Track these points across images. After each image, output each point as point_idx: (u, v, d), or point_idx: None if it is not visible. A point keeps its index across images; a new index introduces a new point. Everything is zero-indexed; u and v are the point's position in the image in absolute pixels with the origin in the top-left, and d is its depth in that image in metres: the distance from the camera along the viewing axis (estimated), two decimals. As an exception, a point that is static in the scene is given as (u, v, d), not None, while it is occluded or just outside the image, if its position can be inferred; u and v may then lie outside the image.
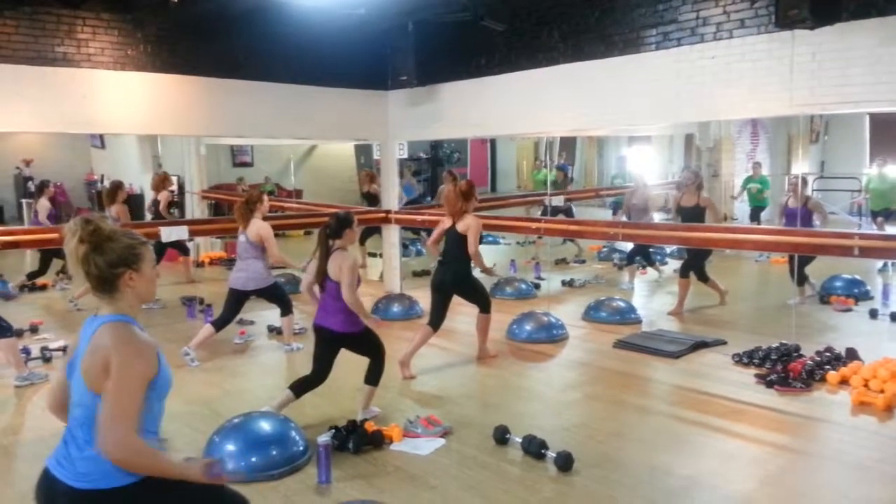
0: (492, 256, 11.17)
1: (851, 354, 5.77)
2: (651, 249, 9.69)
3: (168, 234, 7.53)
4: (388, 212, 9.20)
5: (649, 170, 12.58)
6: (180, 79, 7.27)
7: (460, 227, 5.77)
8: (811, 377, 5.40)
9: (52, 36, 6.55)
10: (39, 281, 9.30)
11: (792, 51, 5.35)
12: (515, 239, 12.66)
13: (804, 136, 10.93)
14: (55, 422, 2.04)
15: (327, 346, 4.55)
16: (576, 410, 5.01)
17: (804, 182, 8.85)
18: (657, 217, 9.77)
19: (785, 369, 5.51)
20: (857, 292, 8.22)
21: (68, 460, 2.03)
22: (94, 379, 1.99)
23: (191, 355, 6.00)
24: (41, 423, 4.62)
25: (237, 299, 6.18)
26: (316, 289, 4.63)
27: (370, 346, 4.64)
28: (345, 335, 4.49)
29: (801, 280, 7.94)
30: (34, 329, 7.20)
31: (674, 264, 10.34)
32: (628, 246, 9.73)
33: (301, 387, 4.56)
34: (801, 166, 10.73)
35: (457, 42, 7.88)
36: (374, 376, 4.68)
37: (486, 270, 6.17)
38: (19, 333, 6.58)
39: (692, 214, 7.55)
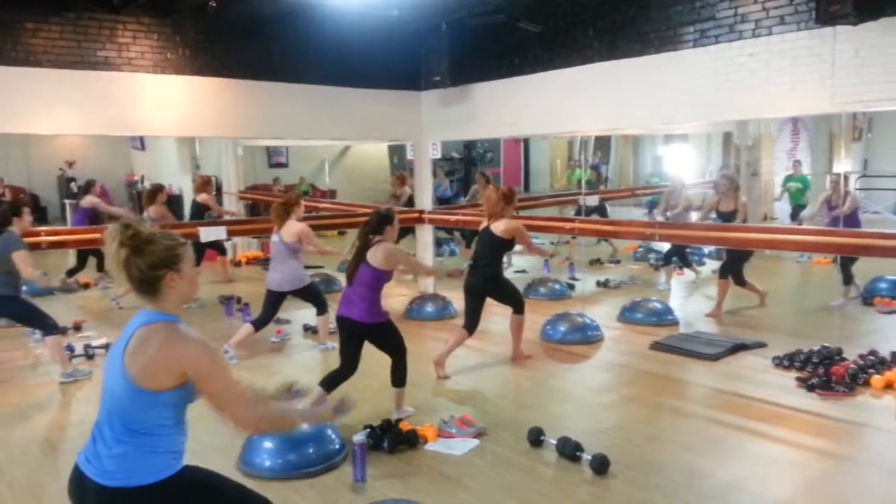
0: (524, 257, 11.14)
1: (897, 358, 5.62)
2: (688, 250, 9.56)
3: (207, 234, 7.65)
4: (421, 212, 9.22)
5: (686, 169, 12.38)
6: (217, 81, 7.39)
7: (496, 229, 5.76)
8: (854, 381, 5.28)
9: (95, 40, 6.71)
10: (81, 279, 9.52)
11: (833, 47, 5.22)
12: (549, 239, 12.58)
13: (846, 134, 10.66)
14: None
15: (350, 336, 4.58)
16: (611, 413, 4.97)
17: (845, 179, 8.65)
18: (694, 217, 9.62)
19: (827, 373, 5.39)
20: (902, 294, 8.01)
21: (96, 458, 2.06)
22: (150, 377, 2.02)
23: (230, 353, 6.09)
24: (85, 418, 4.73)
25: (274, 300, 6.26)
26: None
27: (391, 341, 4.65)
28: (366, 325, 4.51)
29: (848, 279, 7.76)
30: (77, 327, 7.37)
31: (711, 265, 10.19)
32: (665, 246, 9.61)
33: (331, 381, 4.60)
34: (844, 164, 10.47)
35: (490, 42, 7.86)
36: (398, 377, 4.69)
37: (545, 254, 6.23)
38: (63, 331, 6.74)
39: (730, 220, 7.43)
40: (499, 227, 5.76)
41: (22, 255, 5.31)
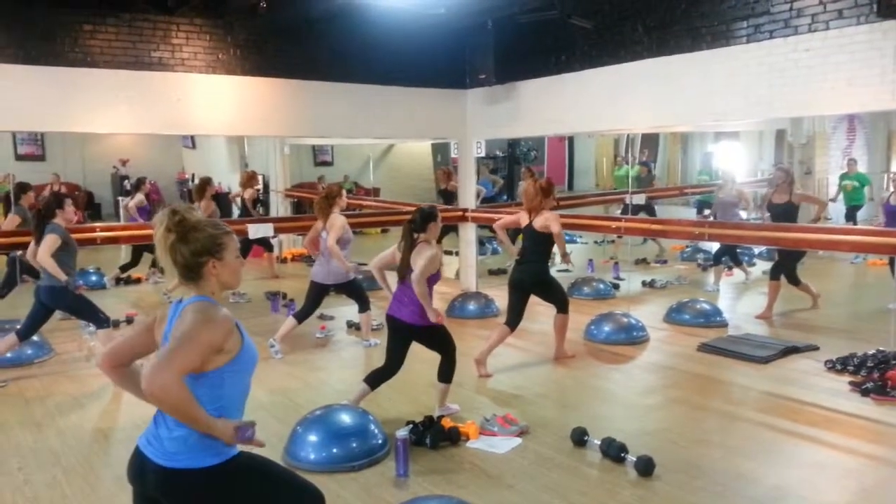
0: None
1: (958, 364, 5.40)
2: (738, 250, 9.35)
3: (255, 230, 7.79)
4: (464, 210, 9.22)
5: (738, 167, 12.10)
6: (267, 81, 7.51)
7: (538, 224, 5.72)
8: (912, 387, 5.09)
9: (149, 41, 6.89)
10: (134, 274, 9.80)
11: (895, 41, 5.04)
12: (593, 238, 12.46)
13: (906, 132, 10.29)
14: (149, 408, 2.14)
15: (398, 336, 4.60)
16: (657, 415, 4.89)
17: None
18: (744, 216, 9.40)
19: (882, 377, 5.20)
20: (964, 297, 7.68)
21: (157, 440, 2.11)
22: None
23: (276, 347, 6.19)
24: (136, 409, 4.84)
25: (318, 292, 6.33)
26: (389, 274, 4.78)
27: (440, 341, 4.65)
28: (415, 327, 4.52)
29: (903, 283, 7.50)
30: (129, 321, 7.58)
31: (762, 265, 9.95)
32: (713, 246, 9.42)
33: (375, 379, 4.63)
34: (903, 163, 10.10)
35: (536, 39, 7.81)
36: (445, 374, 4.69)
37: (564, 256, 6.06)
38: (115, 324, 6.93)
39: (783, 212, 7.23)
40: (538, 222, 5.72)
41: (50, 238, 5.36)
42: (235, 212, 10.47)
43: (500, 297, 7.22)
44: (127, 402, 5.26)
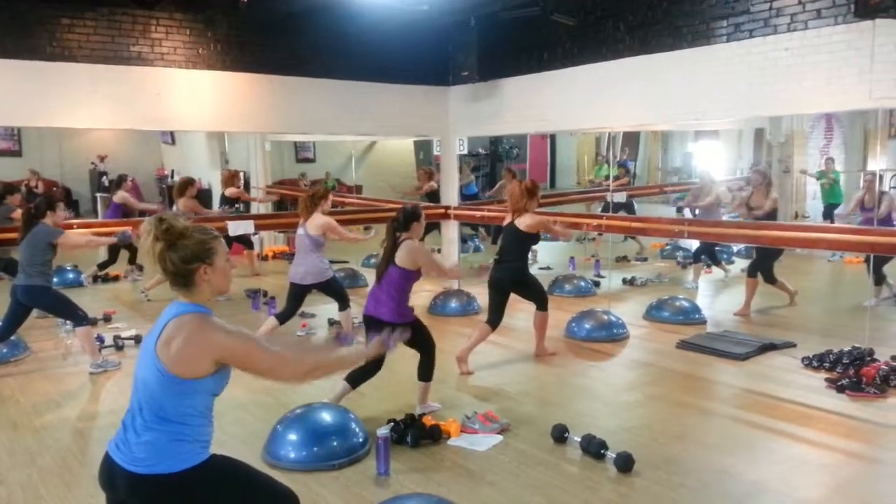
0: (549, 253, 11.09)
1: (931, 360, 5.49)
2: (717, 248, 9.44)
3: (235, 228, 7.73)
4: (447, 208, 9.22)
5: (717, 165, 12.22)
6: (248, 77, 7.45)
7: (521, 224, 5.74)
8: (886, 382, 5.16)
9: (128, 36, 6.80)
10: (112, 272, 9.69)
11: (873, 41, 5.10)
12: (575, 235, 12.51)
13: (882, 131, 10.42)
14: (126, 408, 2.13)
15: (377, 335, 4.57)
16: (637, 411, 4.92)
17: (879, 178, 8.47)
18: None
19: (857, 374, 5.28)
20: (938, 295, 7.82)
21: (126, 445, 2.10)
22: (182, 365, 2.06)
23: (255, 346, 6.14)
24: (114, 407, 4.80)
25: (297, 293, 6.29)
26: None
27: (420, 339, 4.64)
28: (394, 325, 4.51)
29: (879, 279, 7.61)
30: (107, 318, 7.49)
31: (741, 263, 10.05)
32: (692, 244, 9.49)
33: (356, 378, 4.61)
34: (879, 162, 10.25)
35: (519, 37, 7.82)
36: (425, 372, 4.69)
37: (565, 233, 6.39)
38: (93, 322, 6.86)
39: (763, 215, 7.31)
40: (523, 222, 5.74)
41: (64, 237, 5.56)
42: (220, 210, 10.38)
43: (481, 294, 7.23)
44: (105, 401, 5.20)
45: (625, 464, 3.86)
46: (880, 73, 5.09)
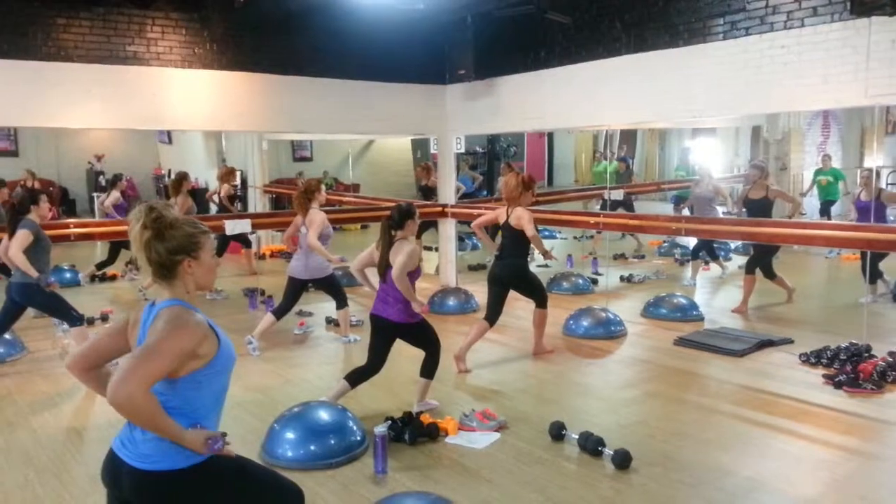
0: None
1: (928, 356, 5.50)
2: (715, 245, 9.44)
3: (232, 226, 7.72)
4: (444, 206, 9.21)
5: (714, 163, 12.23)
6: (244, 76, 7.44)
7: (512, 220, 5.73)
8: (883, 379, 5.18)
9: (124, 35, 6.79)
10: (109, 271, 9.68)
11: (868, 39, 5.10)
12: (572, 233, 12.52)
13: (879, 128, 10.44)
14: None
15: (383, 335, 4.59)
16: (634, 408, 4.92)
17: (877, 175, 8.48)
18: (721, 211, 9.50)
19: (855, 370, 5.29)
20: (934, 291, 7.84)
21: (132, 442, 2.09)
22: None
23: (253, 344, 6.15)
24: (109, 407, 4.79)
25: (295, 288, 6.29)
26: (368, 272, 4.74)
27: (426, 338, 4.66)
28: (401, 325, 4.53)
29: (874, 277, 7.62)
30: (104, 318, 7.48)
31: (739, 260, 10.06)
32: (690, 241, 9.50)
33: (356, 377, 4.62)
34: (875, 159, 10.26)
35: (515, 35, 7.82)
36: (429, 369, 4.70)
37: (545, 254, 5.95)
38: (90, 322, 6.86)
39: (759, 207, 7.33)
40: (513, 218, 5.73)
41: (22, 234, 5.28)
42: (213, 209, 10.37)
43: (479, 292, 7.23)
44: (101, 400, 5.16)
45: (622, 460, 3.86)
46: (876, 70, 5.09)
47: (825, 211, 10.92)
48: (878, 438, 4.40)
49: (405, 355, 4.84)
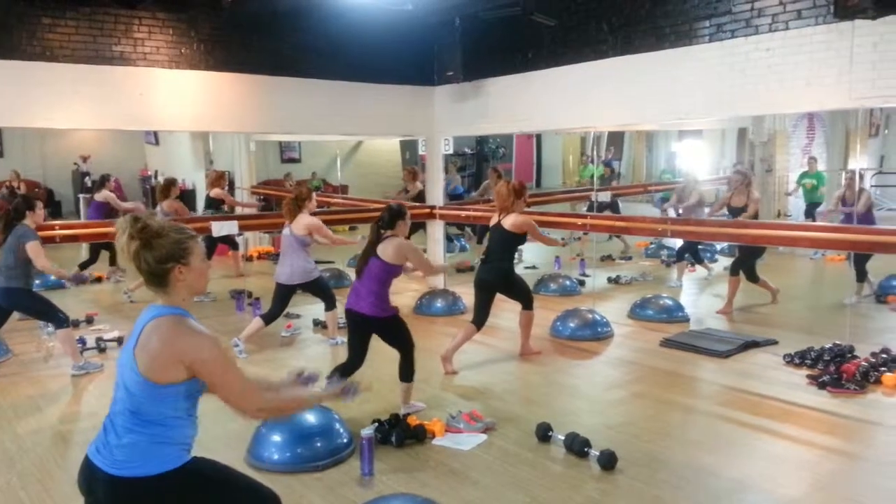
0: (535, 252, 11.11)
1: (909, 356, 5.56)
2: (700, 246, 9.50)
3: (219, 228, 7.69)
4: (432, 207, 9.22)
5: (700, 165, 12.30)
6: (232, 77, 7.42)
7: (507, 224, 5.75)
8: (866, 379, 5.23)
9: (110, 35, 6.75)
10: (94, 273, 9.61)
11: (851, 42, 5.16)
12: (559, 235, 12.55)
13: (862, 130, 10.54)
14: (108, 411, 2.11)
15: (358, 329, 4.60)
16: (620, 409, 4.95)
17: (860, 177, 8.56)
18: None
19: (838, 370, 5.34)
20: (916, 292, 7.92)
21: (107, 448, 2.08)
22: (158, 370, 2.04)
23: (240, 346, 6.12)
24: (96, 410, 4.77)
25: (283, 294, 6.27)
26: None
27: (399, 335, 4.66)
28: (374, 319, 4.53)
29: (861, 276, 7.70)
30: (90, 320, 7.43)
31: (724, 262, 10.12)
32: (677, 243, 9.55)
33: (339, 374, 4.60)
34: (860, 161, 10.35)
35: (503, 37, 7.84)
36: (406, 372, 4.70)
37: (556, 243, 6.71)
38: (75, 324, 6.81)
39: (742, 214, 7.37)
40: (509, 222, 5.75)
41: (34, 246, 5.38)
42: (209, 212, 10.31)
43: (467, 294, 7.24)
44: (87, 403, 5.17)
45: (608, 461, 3.88)
46: (859, 73, 5.15)
47: (810, 213, 11.00)
48: (860, 438, 4.44)
49: (389, 357, 4.84)
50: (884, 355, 5.60)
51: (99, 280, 9.75)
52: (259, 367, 5.89)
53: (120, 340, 6.45)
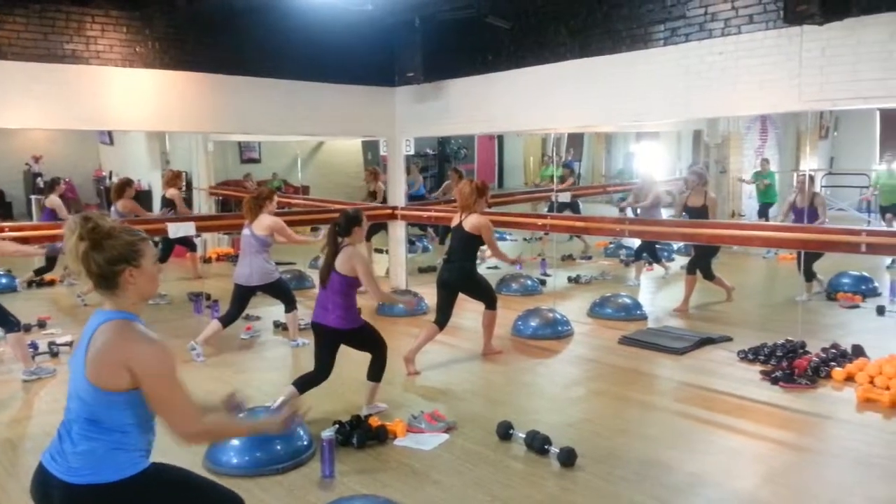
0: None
1: (857, 351, 5.74)
2: (658, 246, 9.67)
3: (175, 230, 7.56)
4: (394, 208, 9.20)
5: (657, 166, 12.52)
6: (188, 76, 7.30)
7: (468, 225, 5.77)
8: (817, 374, 5.39)
9: (62, 33, 6.58)
10: (47, 277, 9.37)
11: (801, 46, 5.31)
12: (522, 235, 12.66)
13: (813, 132, 10.86)
14: (61, 417, 2.06)
15: (326, 342, 4.55)
16: (580, 406, 5.01)
17: (811, 179, 8.81)
18: (665, 213, 9.72)
19: (790, 366, 5.49)
20: (864, 289, 8.19)
21: (62, 455, 2.03)
22: (104, 377, 1.99)
23: (197, 350, 6.03)
24: (47, 417, 4.65)
25: (242, 295, 6.20)
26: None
27: (370, 341, 4.65)
28: (342, 331, 4.51)
29: (809, 276, 7.93)
30: (42, 324, 7.24)
31: (681, 261, 10.32)
32: (635, 242, 9.71)
33: (304, 384, 4.57)
34: (810, 162, 10.66)
35: (464, 38, 7.87)
36: (375, 372, 4.69)
37: (513, 262, 6.39)
38: (27, 328, 6.62)
39: (698, 215, 7.53)
40: (469, 223, 5.77)
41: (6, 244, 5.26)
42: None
43: (430, 294, 7.24)
44: (38, 410, 5.03)
45: (567, 458, 3.93)
46: (808, 76, 5.30)
47: (763, 213, 11.29)
48: (811, 432, 4.57)
49: (352, 359, 4.82)
50: (833, 351, 5.78)
51: (52, 283, 9.51)
52: (217, 371, 5.82)
53: (73, 345, 6.29)
